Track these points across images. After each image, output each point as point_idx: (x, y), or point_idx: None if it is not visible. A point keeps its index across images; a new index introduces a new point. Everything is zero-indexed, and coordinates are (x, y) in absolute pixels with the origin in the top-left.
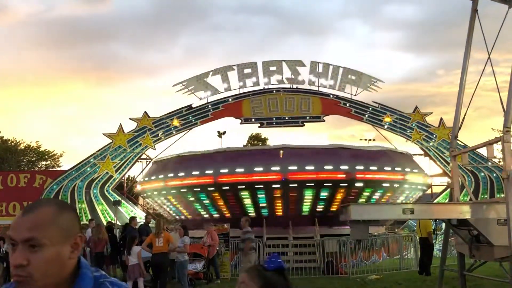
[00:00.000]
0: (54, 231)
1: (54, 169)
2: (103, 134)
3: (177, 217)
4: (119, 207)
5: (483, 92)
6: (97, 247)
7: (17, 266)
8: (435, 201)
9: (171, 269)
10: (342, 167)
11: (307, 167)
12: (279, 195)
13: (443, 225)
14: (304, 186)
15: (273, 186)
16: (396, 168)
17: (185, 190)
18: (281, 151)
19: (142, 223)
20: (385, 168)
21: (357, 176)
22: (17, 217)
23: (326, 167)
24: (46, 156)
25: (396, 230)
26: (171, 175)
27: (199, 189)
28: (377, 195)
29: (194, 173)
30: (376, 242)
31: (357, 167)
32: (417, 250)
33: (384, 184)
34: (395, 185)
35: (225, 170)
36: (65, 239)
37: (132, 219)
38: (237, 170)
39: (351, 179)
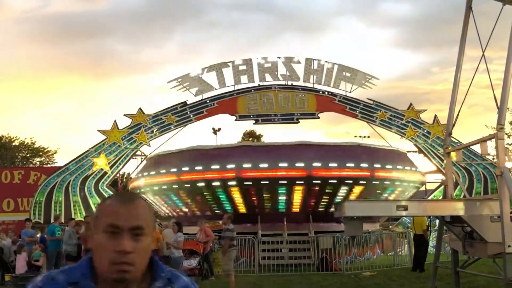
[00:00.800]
0: (151, 222)
1: (48, 165)
2: (98, 130)
3: (181, 213)
4: None
5: (477, 89)
6: (86, 243)
7: (125, 252)
8: (429, 198)
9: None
10: (362, 165)
11: (331, 164)
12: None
13: (437, 222)
14: (327, 183)
15: (297, 182)
16: (406, 167)
17: (203, 184)
18: None
19: None
20: (398, 167)
21: (376, 174)
22: (118, 205)
23: (348, 165)
24: (41, 153)
25: (390, 226)
26: (186, 168)
27: (219, 183)
28: (386, 194)
29: (214, 167)
30: (370, 238)
31: (375, 165)
32: (411, 246)
33: (396, 183)
34: (405, 183)
35: (248, 165)
36: (152, 231)
37: None
38: (261, 165)
39: (371, 177)
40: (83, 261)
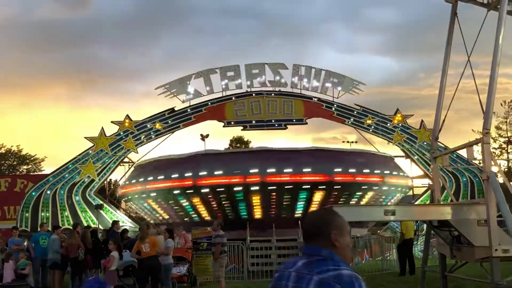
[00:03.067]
0: None
1: (35, 173)
2: (85, 137)
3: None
4: (101, 211)
5: (463, 94)
6: (70, 252)
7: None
8: (416, 203)
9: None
10: (376, 172)
11: (350, 170)
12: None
13: (425, 226)
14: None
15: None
16: (401, 173)
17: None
18: None
19: (126, 227)
20: (393, 173)
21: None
22: None
23: (364, 171)
24: (28, 160)
25: (378, 231)
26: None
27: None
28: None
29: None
30: (359, 243)
31: (386, 172)
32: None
33: (392, 188)
34: (401, 189)
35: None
36: None
37: (115, 223)
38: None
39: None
40: (337, 256)
